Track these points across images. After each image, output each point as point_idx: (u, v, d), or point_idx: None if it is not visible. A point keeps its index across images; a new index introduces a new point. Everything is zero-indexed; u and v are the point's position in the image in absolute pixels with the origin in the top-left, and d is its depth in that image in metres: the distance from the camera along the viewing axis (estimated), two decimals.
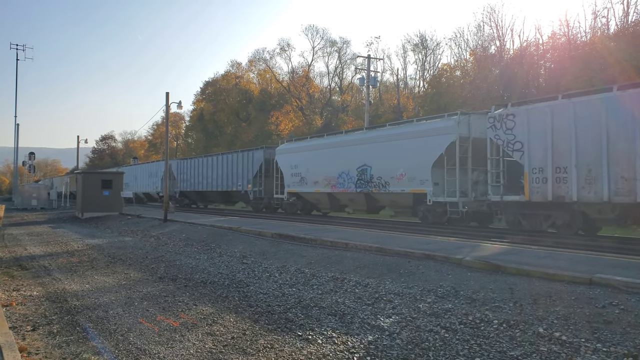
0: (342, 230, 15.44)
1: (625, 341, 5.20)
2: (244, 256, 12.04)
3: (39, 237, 18.25)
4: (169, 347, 5.59)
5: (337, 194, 22.39)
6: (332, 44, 61.05)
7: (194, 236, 16.05)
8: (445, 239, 12.55)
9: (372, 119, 40.66)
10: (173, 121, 74.39)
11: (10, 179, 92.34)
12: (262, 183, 28.14)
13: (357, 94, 58.91)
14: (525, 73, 34.00)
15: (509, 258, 9.07)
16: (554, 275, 7.59)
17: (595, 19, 32.08)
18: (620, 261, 8.65)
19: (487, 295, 7.10)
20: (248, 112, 60.38)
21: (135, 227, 20.74)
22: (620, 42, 26.88)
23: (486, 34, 40.09)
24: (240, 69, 65.82)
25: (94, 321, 6.74)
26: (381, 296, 7.57)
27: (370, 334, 5.94)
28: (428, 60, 52.53)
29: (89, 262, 12.15)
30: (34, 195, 40.07)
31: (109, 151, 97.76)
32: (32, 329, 6.38)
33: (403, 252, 10.20)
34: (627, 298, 6.37)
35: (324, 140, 24.14)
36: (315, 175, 23.41)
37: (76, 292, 8.67)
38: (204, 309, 7.32)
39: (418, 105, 44.82)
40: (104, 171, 50.24)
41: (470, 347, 5.34)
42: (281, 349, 5.46)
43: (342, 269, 9.57)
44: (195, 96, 71.28)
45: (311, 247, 12.14)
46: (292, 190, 25.20)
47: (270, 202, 28.04)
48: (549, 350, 5.13)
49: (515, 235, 13.85)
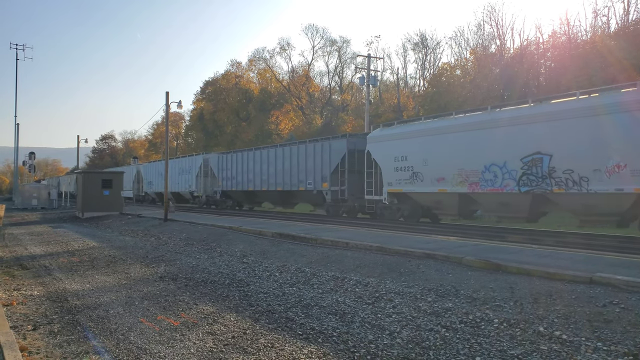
0: (342, 229, 15.44)
1: (626, 340, 5.20)
2: (245, 255, 12.04)
3: (40, 237, 18.26)
4: (170, 347, 5.59)
5: (480, 194, 16.22)
6: (332, 43, 61.20)
7: (195, 236, 16.06)
8: (445, 238, 12.56)
9: (372, 118, 40.66)
10: (173, 121, 74.44)
11: (10, 178, 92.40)
12: (345, 181, 22.24)
13: (357, 93, 58.97)
14: (525, 72, 34.02)
15: (510, 257, 9.07)
16: (555, 274, 7.59)
17: (596, 17, 32.14)
18: (620, 260, 8.65)
19: (488, 294, 7.10)
20: (248, 112, 60.41)
21: (135, 226, 20.75)
22: (620, 41, 26.89)
23: (486, 33, 40.20)
24: (240, 69, 65.93)
25: (94, 320, 6.74)
26: (381, 295, 7.58)
27: (370, 333, 5.94)
28: (428, 59, 52.61)
29: (89, 261, 12.16)
30: (34, 195, 40.06)
31: (109, 151, 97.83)
32: (33, 329, 6.38)
33: (403, 252, 10.20)
34: (628, 297, 6.37)
35: (453, 121, 17.37)
36: (439, 169, 17.36)
37: (77, 291, 8.67)
38: (205, 308, 7.32)
39: (418, 105, 44.83)
40: (106, 171, 48.64)
41: (471, 346, 5.34)
42: (282, 348, 5.47)
43: (343, 268, 9.57)
44: (195, 96, 71.41)
45: (311, 247, 12.14)
46: (395, 190, 19.13)
47: (355, 205, 22.22)
48: (549, 349, 5.13)
49: (515, 235, 13.88)
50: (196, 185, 34.67)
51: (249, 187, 29.35)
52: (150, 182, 42.70)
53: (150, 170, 43.23)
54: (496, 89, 34.85)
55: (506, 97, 33.04)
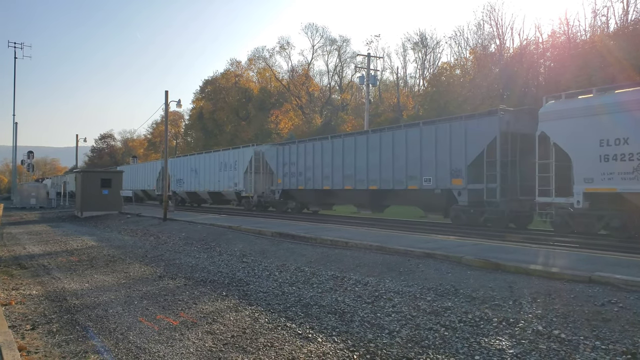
0: (342, 229, 15.44)
1: (624, 339, 5.21)
2: (244, 255, 12.03)
3: (38, 236, 18.24)
4: (169, 346, 5.59)
5: None
6: (332, 43, 61.17)
7: (194, 235, 16.05)
8: (445, 237, 12.56)
9: (372, 117, 40.65)
10: (172, 120, 74.38)
11: (9, 177, 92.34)
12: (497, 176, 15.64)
13: (357, 92, 58.98)
14: (525, 72, 34.04)
15: (509, 256, 9.08)
16: (554, 273, 7.59)
17: (595, 17, 32.14)
18: (619, 259, 8.66)
19: (487, 293, 7.10)
20: (248, 111, 60.41)
21: (134, 226, 20.73)
22: (619, 41, 26.90)
23: (486, 33, 40.16)
24: (240, 68, 65.92)
25: (93, 320, 6.74)
26: (381, 294, 7.58)
27: (370, 332, 5.94)
28: (428, 58, 52.61)
29: (88, 261, 12.15)
30: (33, 194, 39.99)
31: (108, 150, 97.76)
32: (32, 328, 6.38)
33: (403, 251, 10.21)
34: (626, 296, 6.37)
35: None
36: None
37: (75, 291, 8.66)
38: (204, 307, 7.32)
39: (418, 104, 44.85)
40: (104, 170, 47.25)
41: (470, 345, 5.34)
42: (281, 348, 5.47)
43: (342, 268, 9.57)
44: (194, 95, 71.32)
45: (311, 246, 12.14)
46: (601, 190, 12.70)
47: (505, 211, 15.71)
48: (548, 348, 5.14)
49: (514, 234, 13.88)
50: (244, 183, 28.77)
51: (325, 185, 23.09)
52: (180, 179, 36.35)
53: (180, 166, 36.34)
54: (496, 89, 34.88)
55: (506, 96, 33.06)
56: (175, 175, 36.90)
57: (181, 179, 36.19)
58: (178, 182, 36.64)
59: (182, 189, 36.43)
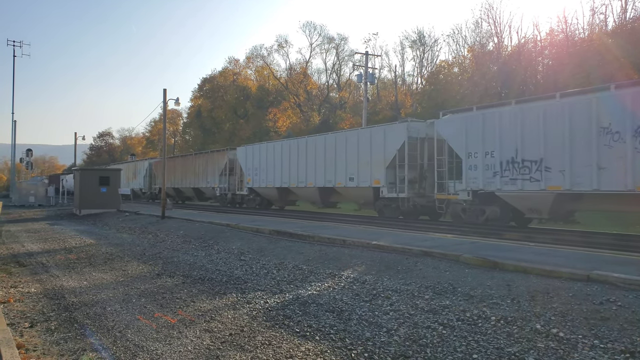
0: (340, 227, 15.44)
1: (623, 337, 5.22)
2: (242, 253, 12.03)
3: (37, 234, 18.21)
4: (167, 344, 5.58)
5: None
6: (330, 41, 61.02)
7: (192, 233, 16.03)
8: (442, 235, 12.57)
9: (370, 115, 40.63)
10: (171, 118, 74.23)
11: (7, 175, 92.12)
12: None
13: (354, 90, 58.89)
14: (523, 70, 34.03)
15: (507, 255, 9.08)
16: (552, 271, 7.60)
17: (593, 15, 32.14)
18: (618, 258, 8.67)
19: (485, 292, 7.11)
20: (246, 109, 60.32)
21: (132, 223, 20.71)
22: (618, 39, 26.90)
23: (484, 31, 40.11)
24: (237, 66, 65.84)
25: (91, 318, 6.73)
26: (379, 293, 7.58)
27: (367, 330, 5.95)
28: (426, 56, 52.45)
29: (86, 258, 12.13)
30: (32, 192, 39.92)
31: (107, 148, 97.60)
32: (30, 326, 6.37)
33: (401, 249, 10.21)
34: (625, 294, 6.38)
35: None
36: None
37: (74, 288, 8.66)
38: (202, 305, 7.31)
39: (416, 102, 44.84)
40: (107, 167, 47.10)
41: (468, 344, 5.35)
42: (279, 346, 5.47)
43: (340, 266, 9.57)
44: (192, 93, 71.21)
45: (309, 244, 12.13)
46: None
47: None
48: (546, 346, 5.14)
49: (514, 233, 13.91)
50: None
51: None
52: (256, 173, 29.77)
53: (256, 156, 28.43)
54: (494, 87, 34.88)
55: (504, 95, 33.06)
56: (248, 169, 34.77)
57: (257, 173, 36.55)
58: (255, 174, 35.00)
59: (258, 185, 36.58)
